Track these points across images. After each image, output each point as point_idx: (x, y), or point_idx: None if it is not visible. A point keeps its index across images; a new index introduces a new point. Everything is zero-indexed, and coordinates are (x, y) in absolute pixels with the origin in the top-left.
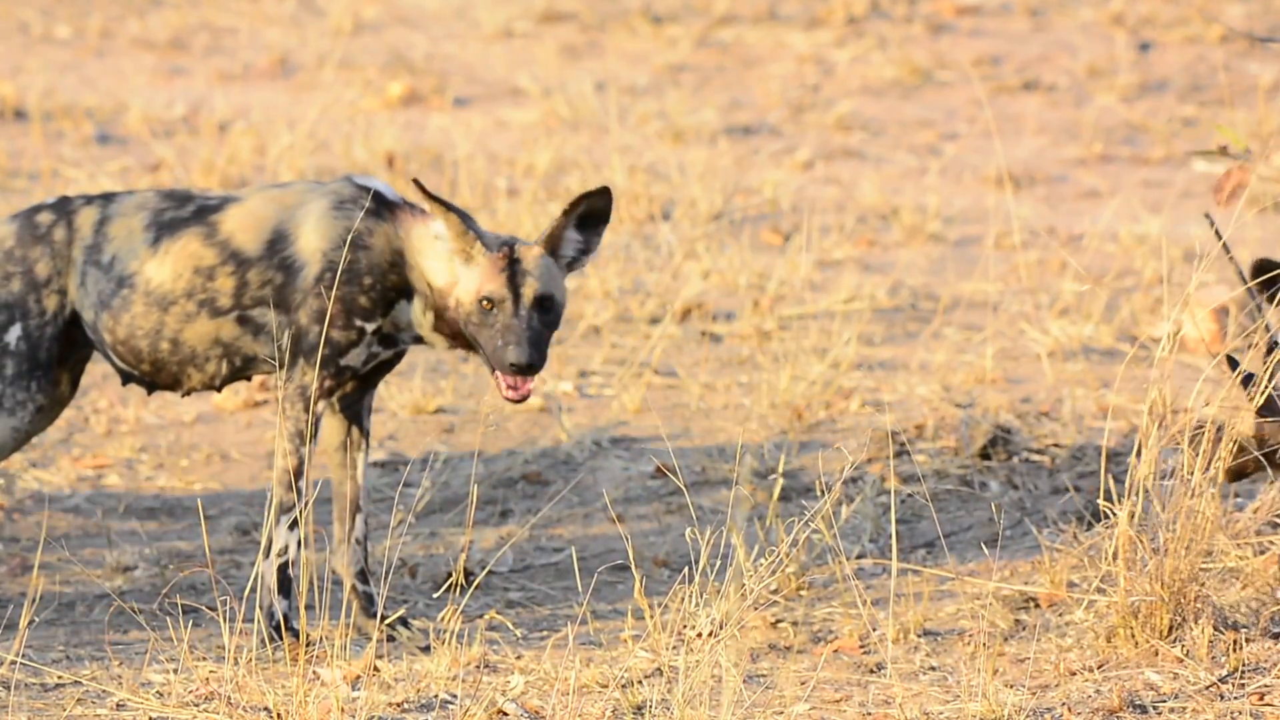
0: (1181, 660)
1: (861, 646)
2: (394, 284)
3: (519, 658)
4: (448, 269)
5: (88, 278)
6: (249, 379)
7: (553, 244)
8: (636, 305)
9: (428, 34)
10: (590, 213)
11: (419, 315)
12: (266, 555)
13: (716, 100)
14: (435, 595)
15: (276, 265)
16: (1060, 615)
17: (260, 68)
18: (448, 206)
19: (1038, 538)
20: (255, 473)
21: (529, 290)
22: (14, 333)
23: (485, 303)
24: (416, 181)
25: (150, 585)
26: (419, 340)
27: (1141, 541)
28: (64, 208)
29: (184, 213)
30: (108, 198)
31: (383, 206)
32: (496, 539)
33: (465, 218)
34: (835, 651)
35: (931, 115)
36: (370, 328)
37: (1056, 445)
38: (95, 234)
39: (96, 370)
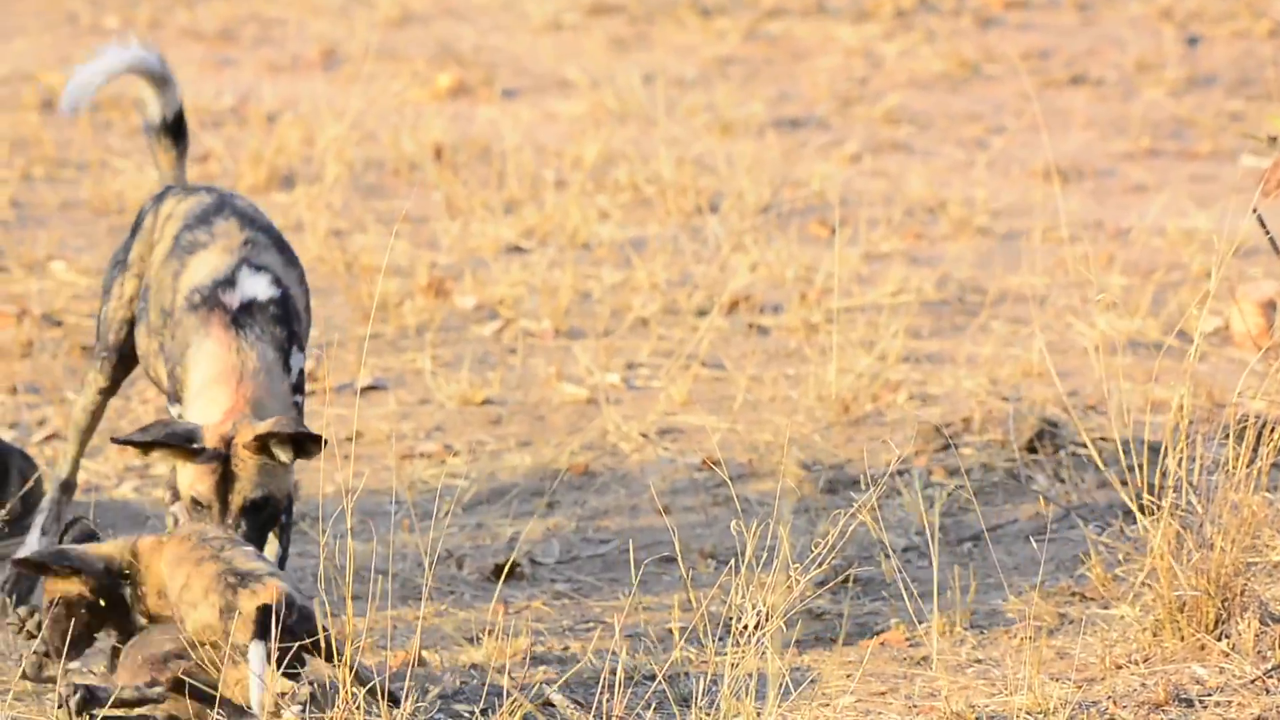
0: (1227, 654)
1: (907, 639)
2: None
3: (565, 649)
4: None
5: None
6: None
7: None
8: (684, 297)
9: (476, 26)
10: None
11: None
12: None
13: (764, 93)
14: (482, 586)
15: None
16: (1106, 609)
17: (308, 59)
18: (151, 445)
19: (1084, 531)
20: (303, 463)
21: (238, 497)
22: None
23: (196, 504)
24: (115, 440)
25: None
26: None
27: (1187, 536)
28: (160, 196)
29: (199, 235)
30: (191, 190)
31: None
32: (543, 530)
33: (170, 439)
34: (881, 644)
35: (979, 109)
36: None
37: (1103, 439)
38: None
39: None
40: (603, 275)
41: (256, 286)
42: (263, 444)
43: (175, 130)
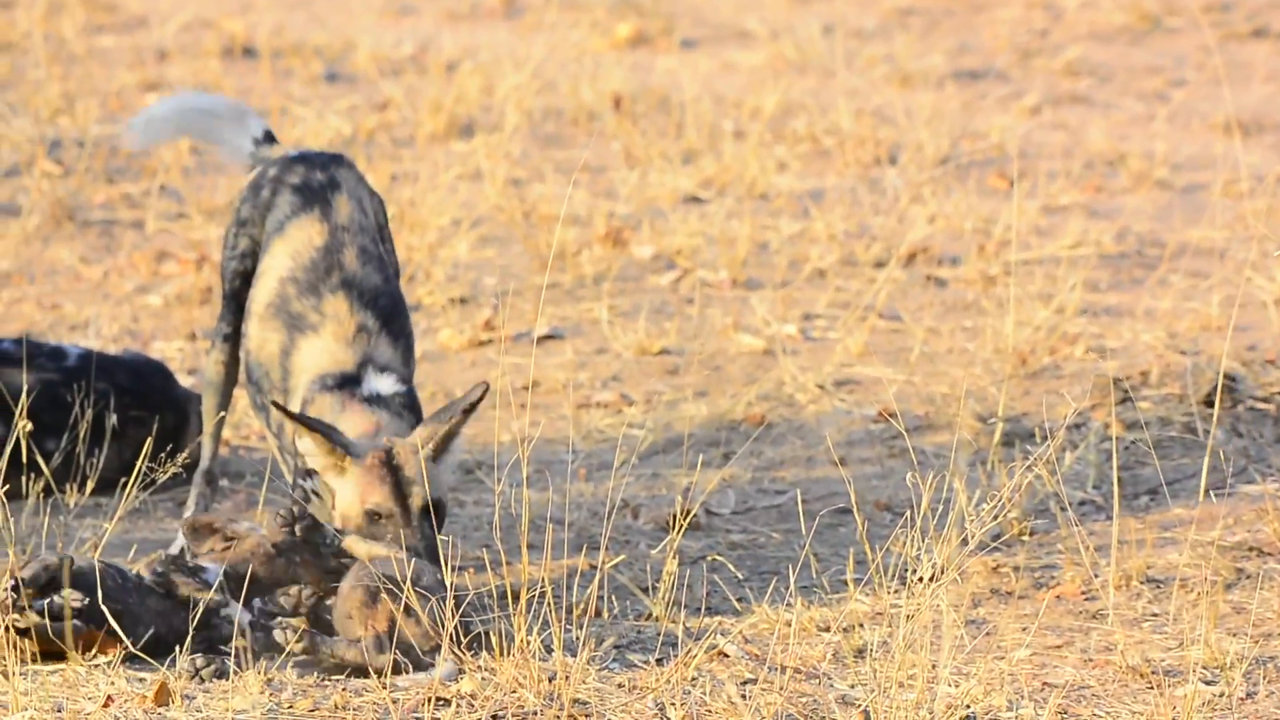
0: None
1: (1083, 593)
2: None
3: (740, 599)
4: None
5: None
6: None
7: (440, 448)
8: (862, 249)
9: None
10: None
11: None
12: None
13: (944, 44)
14: (657, 536)
15: None
16: None
17: (488, 7)
18: (310, 425)
19: (1262, 486)
20: (480, 412)
21: (416, 499)
22: None
23: (373, 515)
24: (275, 404)
25: None
26: None
27: None
28: (281, 173)
29: (308, 310)
30: (312, 195)
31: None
32: (719, 481)
33: (330, 432)
34: (1057, 597)
35: (1160, 61)
36: None
37: None
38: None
39: None
40: (780, 226)
41: (383, 384)
42: (440, 447)
43: (271, 139)
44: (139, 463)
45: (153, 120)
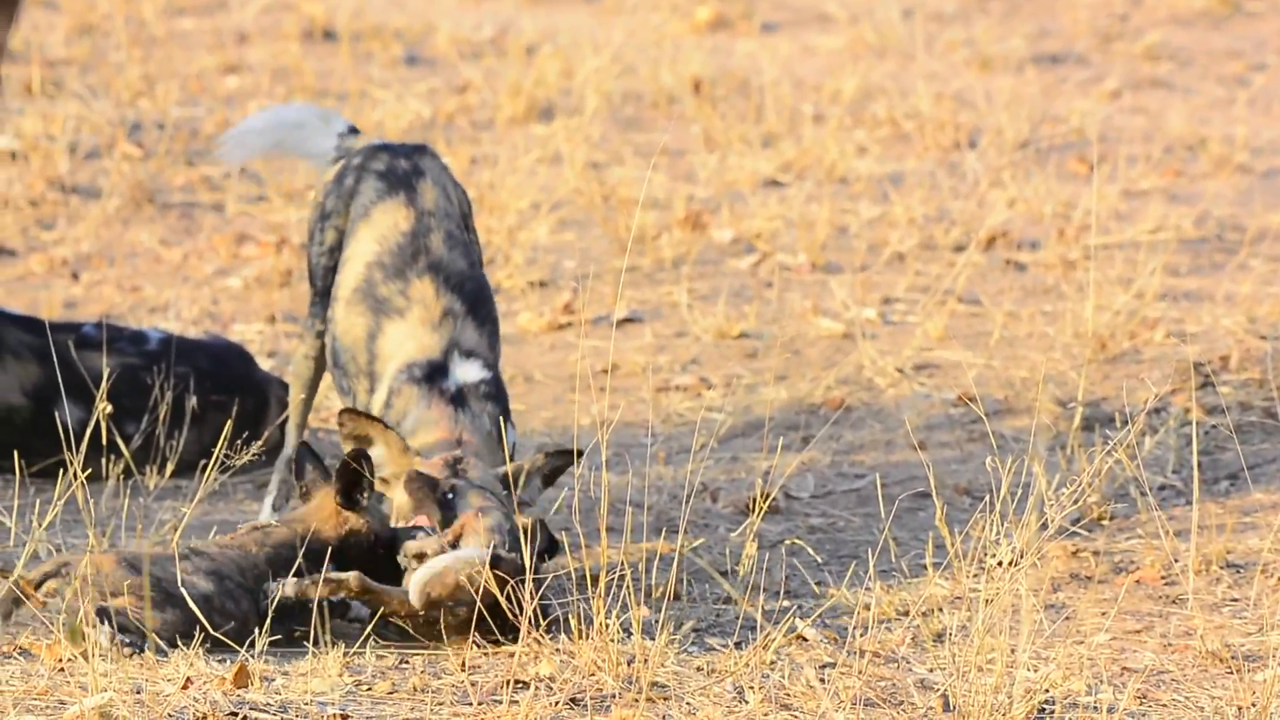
0: None
1: (1163, 577)
2: None
3: (819, 583)
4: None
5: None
6: None
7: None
8: (941, 233)
9: None
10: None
11: None
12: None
13: (1024, 28)
14: (736, 520)
15: None
16: None
17: None
18: (386, 425)
19: None
20: (558, 394)
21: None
22: None
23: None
24: (346, 411)
25: None
26: None
27: None
28: (364, 164)
29: (394, 293)
30: (388, 185)
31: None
32: (798, 464)
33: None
34: (1136, 582)
35: (1241, 45)
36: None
37: None
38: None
39: None
40: (860, 210)
41: (468, 373)
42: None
43: (354, 131)
44: (218, 446)
45: (247, 134)
